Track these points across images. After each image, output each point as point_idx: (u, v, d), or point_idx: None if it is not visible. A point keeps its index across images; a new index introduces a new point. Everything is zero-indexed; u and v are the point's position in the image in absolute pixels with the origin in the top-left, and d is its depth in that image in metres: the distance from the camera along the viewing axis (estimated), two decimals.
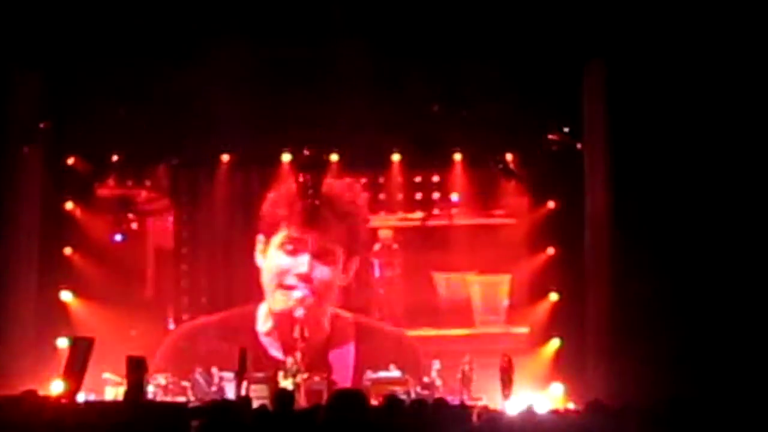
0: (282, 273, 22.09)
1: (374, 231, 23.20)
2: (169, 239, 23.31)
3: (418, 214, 23.18)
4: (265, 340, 22.05)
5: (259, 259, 22.35)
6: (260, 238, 22.34)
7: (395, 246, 23.23)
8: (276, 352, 21.77)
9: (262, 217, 22.37)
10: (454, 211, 23.13)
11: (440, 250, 23.06)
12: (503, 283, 23.09)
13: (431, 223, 23.15)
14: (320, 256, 22.10)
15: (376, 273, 23.21)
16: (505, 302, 23.09)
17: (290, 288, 21.99)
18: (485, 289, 23.22)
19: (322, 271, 22.13)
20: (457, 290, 23.23)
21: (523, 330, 22.59)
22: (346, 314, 22.57)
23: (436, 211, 23.16)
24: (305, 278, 21.98)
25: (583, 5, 19.10)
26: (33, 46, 19.66)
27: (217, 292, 22.85)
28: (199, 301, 22.97)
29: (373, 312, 23.05)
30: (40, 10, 19.25)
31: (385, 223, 23.29)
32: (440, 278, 23.21)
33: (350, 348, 22.28)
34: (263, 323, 22.25)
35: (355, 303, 22.79)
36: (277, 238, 22.18)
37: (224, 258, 22.94)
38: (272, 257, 22.26)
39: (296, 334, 20.95)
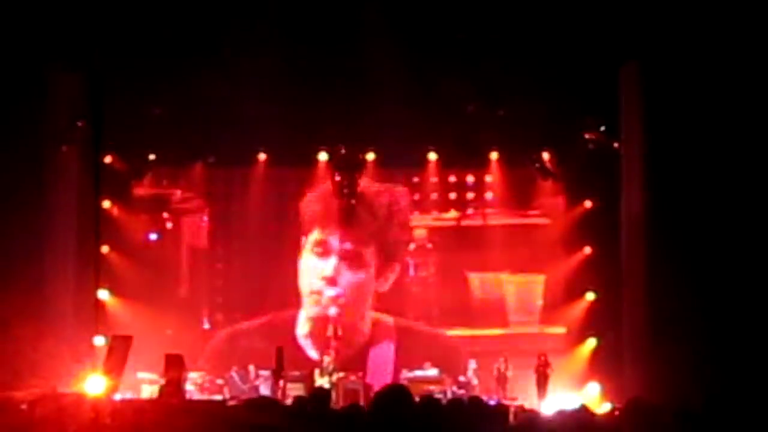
0: (312, 276, 22.20)
1: (409, 231, 23.25)
2: (203, 238, 23.40)
3: (453, 214, 23.19)
4: (303, 342, 22.15)
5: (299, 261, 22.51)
6: (303, 239, 22.46)
7: (429, 246, 23.25)
8: (313, 353, 21.84)
9: (301, 219, 22.46)
10: (488, 210, 23.13)
11: (474, 249, 23.11)
12: (537, 283, 23.09)
13: (465, 222, 23.18)
14: (348, 258, 22.14)
15: (411, 273, 23.23)
16: (539, 302, 23.10)
17: (318, 292, 22.10)
18: (519, 289, 23.23)
19: (350, 275, 22.21)
20: (491, 290, 23.25)
21: (559, 330, 22.57)
22: (387, 318, 22.58)
23: (470, 211, 23.17)
24: (330, 281, 22.06)
25: (622, 5, 19.03)
26: (70, 48, 19.74)
27: (251, 291, 22.90)
28: (234, 300, 23.03)
29: (407, 312, 23.06)
30: (77, 12, 19.34)
31: (419, 223, 23.33)
32: (474, 278, 23.24)
33: (390, 348, 22.30)
34: (302, 326, 22.33)
35: (389, 303, 22.81)
36: (311, 239, 22.25)
37: (259, 257, 23.00)
38: (305, 260, 22.40)
39: (329, 332, 21.05)
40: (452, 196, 23.26)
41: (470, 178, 23.16)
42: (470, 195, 23.23)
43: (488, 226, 23.13)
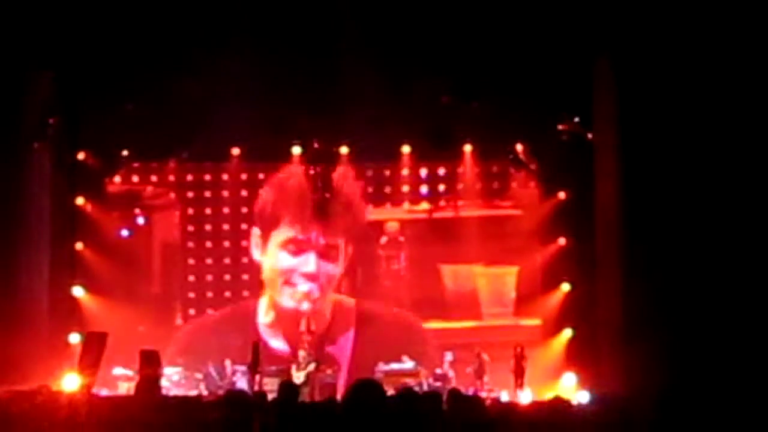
0: (288, 272, 22.10)
1: (381, 224, 23.24)
2: (175, 234, 23.35)
3: (425, 206, 23.21)
4: (265, 332, 22.08)
5: (256, 254, 22.39)
6: (255, 231, 22.36)
7: (402, 239, 23.23)
8: (276, 344, 21.83)
9: (258, 212, 22.39)
10: (460, 203, 23.14)
11: (447, 242, 23.05)
12: (510, 274, 23.08)
13: (438, 215, 23.17)
14: (325, 253, 22.13)
15: (383, 266, 23.23)
16: (513, 294, 23.08)
17: (296, 285, 22.04)
18: (492, 281, 23.22)
19: (327, 267, 22.17)
20: (463, 282, 23.22)
21: (533, 322, 22.57)
22: (348, 300, 22.60)
23: (442, 203, 23.18)
24: (312, 277, 21.99)
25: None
26: (43, 45, 19.69)
27: (222, 286, 22.91)
28: (206, 296, 22.98)
29: (376, 301, 23.00)
30: (49, 9, 19.29)
31: (391, 216, 23.31)
32: (447, 270, 23.21)
33: (349, 336, 22.31)
34: (264, 315, 22.30)
35: (362, 296, 22.80)
36: (279, 236, 22.13)
37: (231, 252, 22.96)
38: (274, 255, 22.23)
39: (303, 327, 21.02)
40: (424, 189, 23.23)
41: (442, 171, 23.15)
42: (442, 187, 23.21)
43: (460, 218, 23.11)
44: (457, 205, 23.10)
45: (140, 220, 22.87)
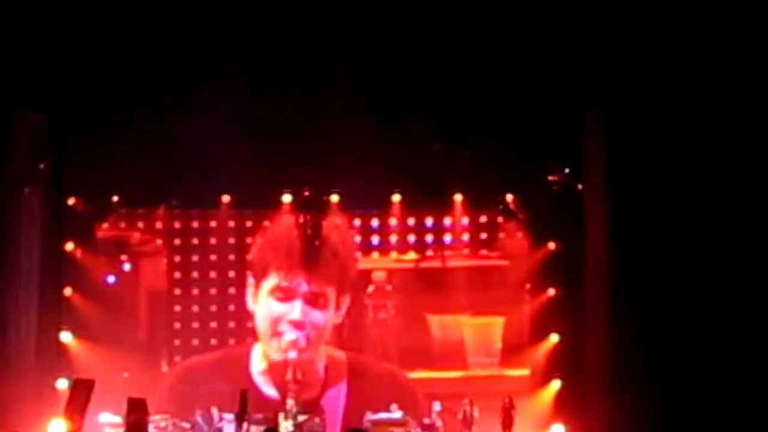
0: (275, 321, 21.93)
1: (368, 273, 23.16)
2: (162, 281, 23.25)
3: (412, 256, 23.20)
4: (258, 380, 21.93)
5: (250, 303, 22.26)
6: (251, 281, 22.27)
7: (389, 287, 23.18)
8: (269, 391, 21.69)
9: (251, 262, 22.35)
10: (447, 253, 23.13)
11: (434, 292, 22.99)
12: (496, 325, 23.00)
13: (425, 264, 23.15)
14: (312, 300, 21.98)
15: (370, 315, 23.17)
16: (499, 344, 23.02)
17: (283, 333, 21.91)
18: (478, 331, 23.15)
19: (315, 315, 21.93)
20: (450, 332, 23.13)
21: (519, 372, 22.50)
22: (339, 353, 22.49)
23: (429, 253, 23.16)
24: (298, 325, 21.79)
25: (586, 50, 19.21)
26: (32, 88, 19.69)
27: (209, 334, 22.77)
28: (191, 343, 22.81)
29: (366, 354, 22.95)
30: (40, 51, 19.31)
31: (379, 265, 23.28)
32: (434, 320, 23.16)
33: (342, 388, 22.17)
34: (258, 363, 22.16)
35: (348, 345, 22.65)
36: (267, 284, 22.01)
37: (217, 300, 22.87)
38: (263, 304, 22.08)
39: (289, 376, 20.96)
40: (411, 238, 23.19)
41: (429, 220, 23.15)
42: (430, 237, 23.20)
43: (447, 268, 23.07)
44: (444, 255, 23.09)
45: (126, 267, 22.76)
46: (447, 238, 23.15)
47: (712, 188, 18.68)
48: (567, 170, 21.32)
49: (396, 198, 22.68)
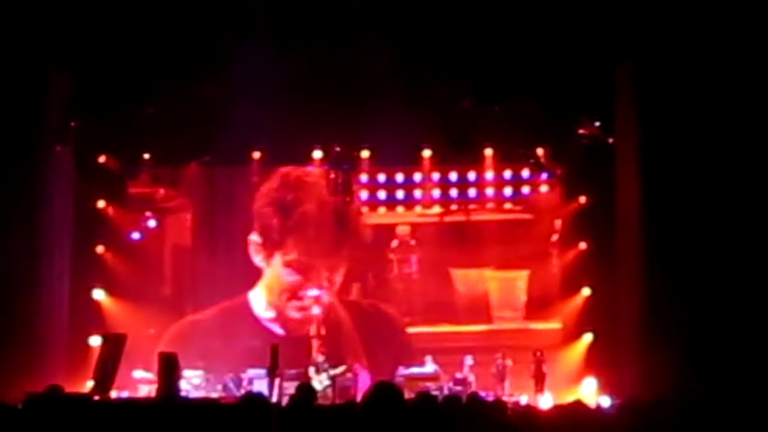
0: (294, 288, 22.27)
1: (392, 227, 23.29)
2: (187, 237, 23.36)
3: (436, 210, 23.21)
4: (268, 325, 22.28)
5: (257, 259, 22.51)
6: (255, 238, 22.46)
7: (413, 242, 23.25)
8: (279, 330, 22.11)
9: (262, 229, 22.52)
10: (471, 207, 23.12)
11: (458, 246, 23.05)
12: (521, 279, 23.06)
13: (449, 219, 23.17)
14: (330, 282, 22.39)
15: (395, 269, 23.23)
16: (524, 298, 23.05)
17: (303, 299, 22.25)
18: (502, 285, 23.19)
19: (333, 276, 22.50)
20: (474, 286, 23.20)
21: (545, 325, 22.54)
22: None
23: (453, 207, 23.17)
24: (317, 299, 22.15)
25: (617, 5, 19.03)
26: (63, 48, 19.71)
27: (233, 289, 22.81)
28: (216, 298, 22.78)
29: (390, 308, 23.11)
30: (71, 13, 19.31)
31: (402, 220, 23.34)
32: (458, 274, 23.20)
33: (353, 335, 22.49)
34: (264, 311, 22.42)
35: (375, 299, 22.98)
36: (286, 256, 22.34)
37: (241, 254, 22.88)
38: (278, 270, 22.47)
39: (313, 332, 21.21)
40: (436, 192, 23.22)
41: (453, 175, 23.11)
42: (454, 192, 23.19)
43: (471, 222, 23.12)
44: (468, 209, 23.06)
45: (151, 223, 22.79)
46: (471, 192, 23.11)
47: (743, 140, 18.50)
48: (598, 124, 21.21)
49: (426, 153, 22.69)
